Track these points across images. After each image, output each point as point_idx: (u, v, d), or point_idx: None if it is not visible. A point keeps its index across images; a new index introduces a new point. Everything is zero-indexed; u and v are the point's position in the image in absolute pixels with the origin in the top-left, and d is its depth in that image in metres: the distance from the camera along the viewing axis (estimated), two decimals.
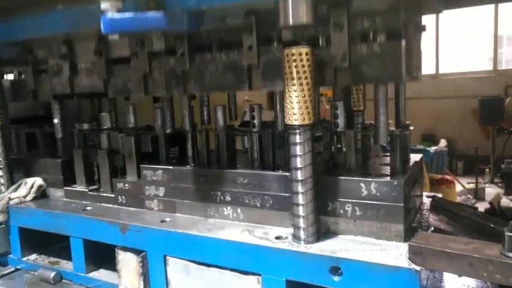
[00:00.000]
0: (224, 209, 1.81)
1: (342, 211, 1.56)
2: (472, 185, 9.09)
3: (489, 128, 10.10)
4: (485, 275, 1.19)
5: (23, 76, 2.60)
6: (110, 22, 1.40)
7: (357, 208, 1.53)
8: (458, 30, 11.81)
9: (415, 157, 1.85)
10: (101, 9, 1.41)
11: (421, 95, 10.40)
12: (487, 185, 9.55)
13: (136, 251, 1.82)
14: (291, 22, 1.37)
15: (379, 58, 1.47)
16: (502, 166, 8.83)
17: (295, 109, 1.44)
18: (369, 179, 1.51)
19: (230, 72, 1.77)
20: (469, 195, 8.39)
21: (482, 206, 6.35)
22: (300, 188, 1.49)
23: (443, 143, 10.43)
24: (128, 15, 1.41)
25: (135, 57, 1.98)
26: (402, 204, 1.45)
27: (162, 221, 1.85)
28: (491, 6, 10.94)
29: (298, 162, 1.48)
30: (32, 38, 2.15)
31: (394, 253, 1.38)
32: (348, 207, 1.55)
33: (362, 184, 1.52)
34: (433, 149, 9.55)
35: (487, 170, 10.03)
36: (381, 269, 1.32)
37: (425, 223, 1.62)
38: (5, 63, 2.50)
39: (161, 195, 1.99)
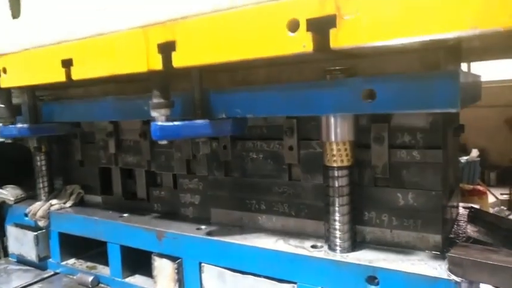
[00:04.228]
0: (259, 217, 1.83)
1: (378, 221, 1.56)
2: (506, 196, 8.80)
3: None
4: None
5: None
6: (160, 129, 1.47)
7: (393, 218, 1.53)
8: None
9: None
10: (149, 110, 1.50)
11: None
12: None
13: (172, 258, 1.86)
14: (333, 140, 1.43)
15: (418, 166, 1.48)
16: None
17: None
18: (406, 189, 1.51)
19: (270, 161, 1.79)
20: (502, 207, 8.13)
21: None
22: (336, 198, 1.50)
23: (474, 152, 10.16)
24: (176, 123, 1.48)
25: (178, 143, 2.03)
26: (440, 214, 1.44)
27: (198, 229, 1.88)
28: None
29: (335, 171, 1.49)
30: (83, 121, 2.34)
31: (432, 264, 1.37)
32: (385, 216, 1.54)
33: (399, 194, 1.51)
34: (464, 158, 9.32)
35: None
36: (420, 279, 1.31)
37: (463, 234, 1.60)
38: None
39: (196, 203, 2.03)
